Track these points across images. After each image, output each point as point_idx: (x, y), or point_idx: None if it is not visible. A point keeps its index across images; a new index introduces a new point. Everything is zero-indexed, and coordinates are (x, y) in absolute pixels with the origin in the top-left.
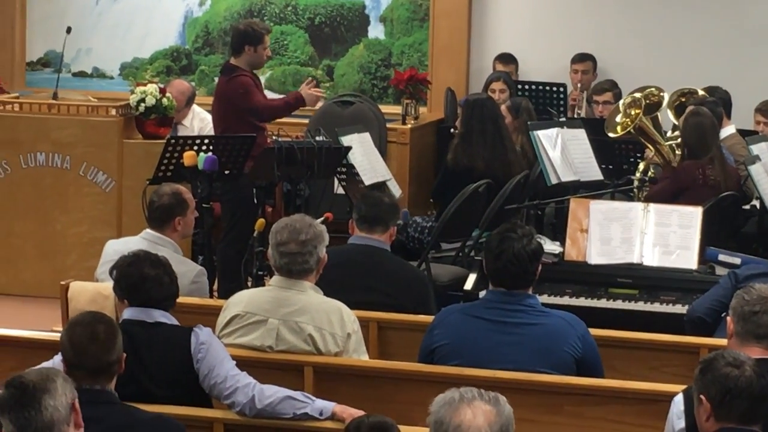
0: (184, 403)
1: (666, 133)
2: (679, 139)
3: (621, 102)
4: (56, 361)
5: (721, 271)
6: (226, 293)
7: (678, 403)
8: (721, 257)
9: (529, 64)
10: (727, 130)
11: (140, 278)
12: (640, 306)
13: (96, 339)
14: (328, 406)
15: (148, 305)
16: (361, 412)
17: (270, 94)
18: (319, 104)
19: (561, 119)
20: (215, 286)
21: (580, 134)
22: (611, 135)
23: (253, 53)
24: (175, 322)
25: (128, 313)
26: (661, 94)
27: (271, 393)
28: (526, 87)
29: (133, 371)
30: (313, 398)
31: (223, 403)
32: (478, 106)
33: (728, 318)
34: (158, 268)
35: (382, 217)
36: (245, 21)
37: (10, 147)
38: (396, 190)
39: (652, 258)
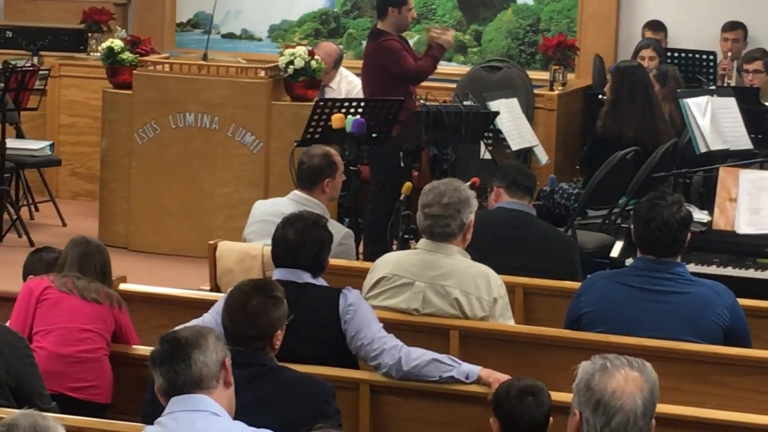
0: (331, 363)
1: None
2: None
3: None
4: (205, 318)
5: None
6: (371, 255)
7: None
8: None
9: (678, 32)
10: None
11: (293, 241)
12: None
13: (243, 309)
14: (474, 369)
15: (297, 267)
16: (507, 376)
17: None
18: (466, 68)
19: (711, 87)
20: (361, 249)
21: (730, 103)
22: None
23: (397, 15)
24: (324, 283)
25: (278, 274)
26: None
27: (417, 355)
28: (676, 54)
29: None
30: (460, 362)
31: (370, 365)
32: (629, 74)
33: None
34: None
35: (533, 186)
36: None
37: (160, 107)
38: (543, 156)
39: None
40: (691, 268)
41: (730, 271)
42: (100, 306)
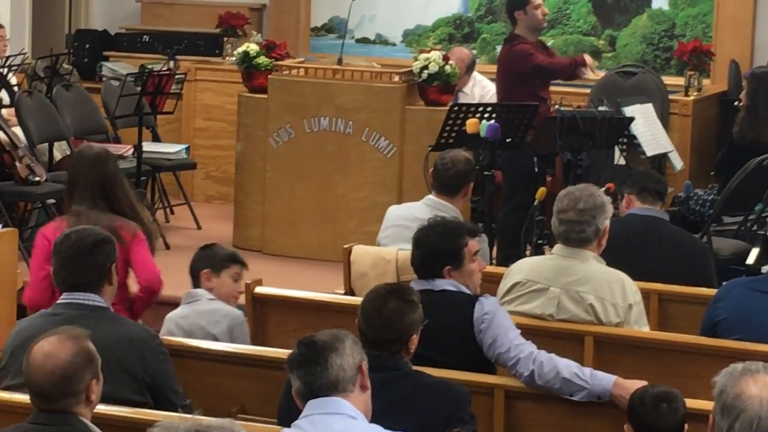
0: (463, 368)
1: None
2: None
3: None
4: None
5: None
6: (504, 260)
7: None
8: None
9: None
10: None
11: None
12: None
13: (380, 312)
14: (607, 388)
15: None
16: (641, 383)
17: None
18: (601, 74)
19: None
20: (494, 253)
21: None
22: None
23: (524, 16)
24: (463, 289)
25: (414, 285)
26: None
27: (549, 369)
28: None
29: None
30: (592, 378)
31: (510, 372)
32: (765, 79)
33: None
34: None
35: (664, 191)
36: None
37: (295, 111)
38: (677, 162)
39: None
40: None
41: None
42: None
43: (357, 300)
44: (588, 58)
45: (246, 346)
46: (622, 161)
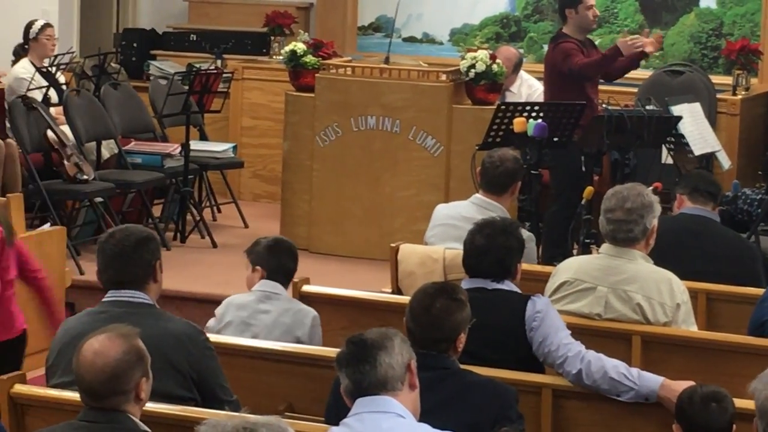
0: (512, 368)
1: None
2: None
3: None
4: None
5: None
6: (551, 259)
7: None
8: None
9: None
10: None
11: (480, 247)
12: None
13: (428, 311)
14: (654, 389)
15: (483, 272)
16: (687, 383)
17: None
18: (648, 73)
19: None
20: (540, 252)
21: None
22: None
23: (575, 15)
24: (514, 289)
25: (466, 284)
26: None
27: (597, 369)
28: None
29: (468, 333)
30: (639, 378)
31: (557, 372)
32: None
33: None
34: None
35: (716, 192)
36: None
37: (342, 110)
38: (725, 161)
39: None
40: None
41: None
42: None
43: (404, 299)
44: (621, 41)
45: (292, 344)
46: (670, 160)
